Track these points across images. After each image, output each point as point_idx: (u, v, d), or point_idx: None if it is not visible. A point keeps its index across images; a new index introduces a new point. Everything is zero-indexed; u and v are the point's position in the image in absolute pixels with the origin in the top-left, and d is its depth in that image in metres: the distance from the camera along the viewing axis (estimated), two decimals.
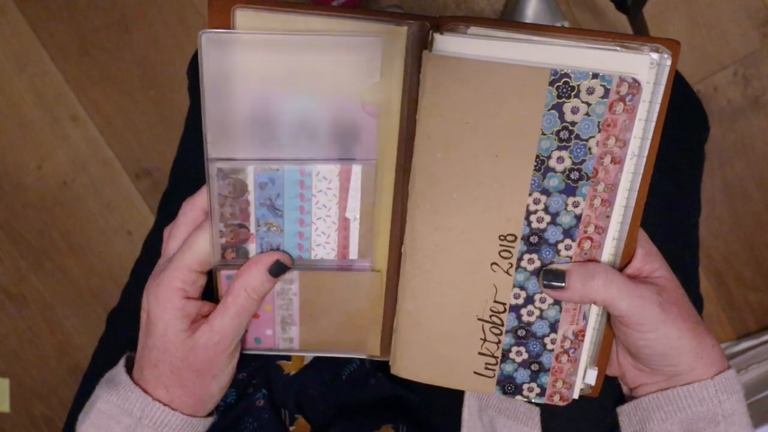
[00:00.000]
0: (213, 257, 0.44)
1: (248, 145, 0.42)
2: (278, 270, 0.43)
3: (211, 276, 0.45)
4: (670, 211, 0.58)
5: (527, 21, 1.06)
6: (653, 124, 0.41)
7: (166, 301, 0.42)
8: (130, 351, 0.47)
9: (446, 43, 0.39)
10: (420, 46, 0.41)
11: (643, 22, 0.95)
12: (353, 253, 0.45)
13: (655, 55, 0.39)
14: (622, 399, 0.49)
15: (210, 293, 0.46)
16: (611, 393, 0.50)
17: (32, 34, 1.20)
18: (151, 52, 1.19)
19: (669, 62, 0.39)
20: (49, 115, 1.22)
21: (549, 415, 0.51)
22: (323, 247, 0.45)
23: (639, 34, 0.96)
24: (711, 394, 0.43)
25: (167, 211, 0.63)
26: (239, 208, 0.43)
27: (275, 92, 0.41)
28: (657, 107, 0.40)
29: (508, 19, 1.09)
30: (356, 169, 0.43)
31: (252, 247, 0.45)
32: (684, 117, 0.59)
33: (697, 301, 0.60)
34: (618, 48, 0.39)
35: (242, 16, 0.41)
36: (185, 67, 0.64)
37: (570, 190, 0.41)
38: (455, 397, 0.50)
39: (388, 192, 0.44)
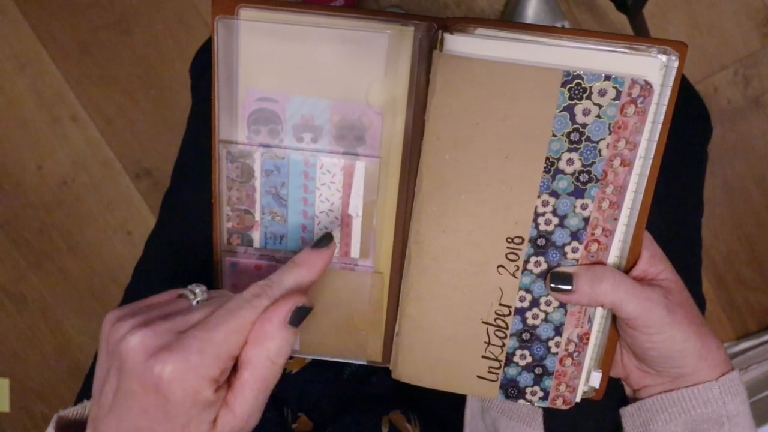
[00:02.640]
0: (219, 242, 0.44)
1: (256, 132, 0.43)
2: (300, 317, 0.36)
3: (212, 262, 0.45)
4: (673, 211, 0.57)
5: (528, 21, 1.06)
6: (660, 126, 0.40)
7: (195, 392, 0.33)
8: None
9: (457, 44, 0.39)
10: (428, 46, 0.41)
11: (643, 22, 0.95)
12: (355, 252, 0.45)
13: (663, 57, 0.39)
14: (626, 400, 0.49)
15: (209, 280, 0.46)
16: (615, 394, 0.50)
17: (32, 34, 1.20)
18: (151, 52, 1.19)
19: (676, 64, 0.39)
20: (49, 115, 1.22)
21: (551, 415, 0.51)
22: None
23: (639, 34, 0.96)
24: (715, 395, 0.43)
25: (169, 211, 0.63)
26: (245, 194, 0.44)
27: (282, 83, 0.42)
28: (664, 109, 0.40)
29: (510, 20, 1.09)
30: (359, 166, 0.43)
31: (256, 235, 0.45)
32: (687, 117, 0.59)
33: (700, 302, 0.60)
34: (626, 50, 0.39)
35: (246, 15, 0.41)
36: (185, 67, 0.64)
37: (579, 193, 0.41)
38: (458, 398, 0.50)
39: (392, 193, 0.44)
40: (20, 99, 1.22)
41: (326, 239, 0.40)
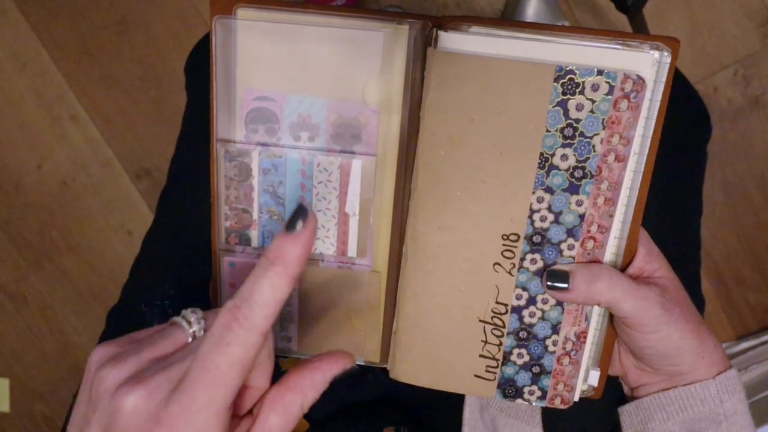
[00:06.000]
0: (217, 242, 0.44)
1: (254, 131, 0.43)
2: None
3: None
4: (673, 211, 0.57)
5: (528, 21, 1.06)
6: (653, 122, 0.41)
7: None
8: None
9: (451, 41, 0.39)
10: (423, 44, 0.41)
11: (643, 22, 0.95)
12: (352, 251, 0.45)
13: (656, 53, 0.39)
14: (624, 398, 0.49)
15: (208, 278, 0.46)
16: (613, 392, 0.50)
17: (32, 34, 1.20)
18: (151, 52, 1.19)
19: (669, 60, 0.39)
20: (49, 115, 1.22)
21: (550, 413, 0.51)
22: (323, 242, 0.45)
23: (639, 33, 0.96)
24: (713, 393, 0.43)
25: (166, 209, 0.63)
26: (243, 193, 0.44)
27: (280, 82, 0.42)
28: (657, 105, 0.40)
29: (509, 19, 1.09)
30: (356, 164, 0.43)
31: (254, 234, 0.45)
32: (687, 117, 0.59)
33: (699, 302, 0.60)
34: (619, 46, 0.39)
35: (244, 15, 0.41)
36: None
37: (574, 189, 0.41)
38: (456, 396, 0.50)
39: (389, 191, 0.44)
40: (20, 99, 1.22)
41: (300, 215, 0.31)
